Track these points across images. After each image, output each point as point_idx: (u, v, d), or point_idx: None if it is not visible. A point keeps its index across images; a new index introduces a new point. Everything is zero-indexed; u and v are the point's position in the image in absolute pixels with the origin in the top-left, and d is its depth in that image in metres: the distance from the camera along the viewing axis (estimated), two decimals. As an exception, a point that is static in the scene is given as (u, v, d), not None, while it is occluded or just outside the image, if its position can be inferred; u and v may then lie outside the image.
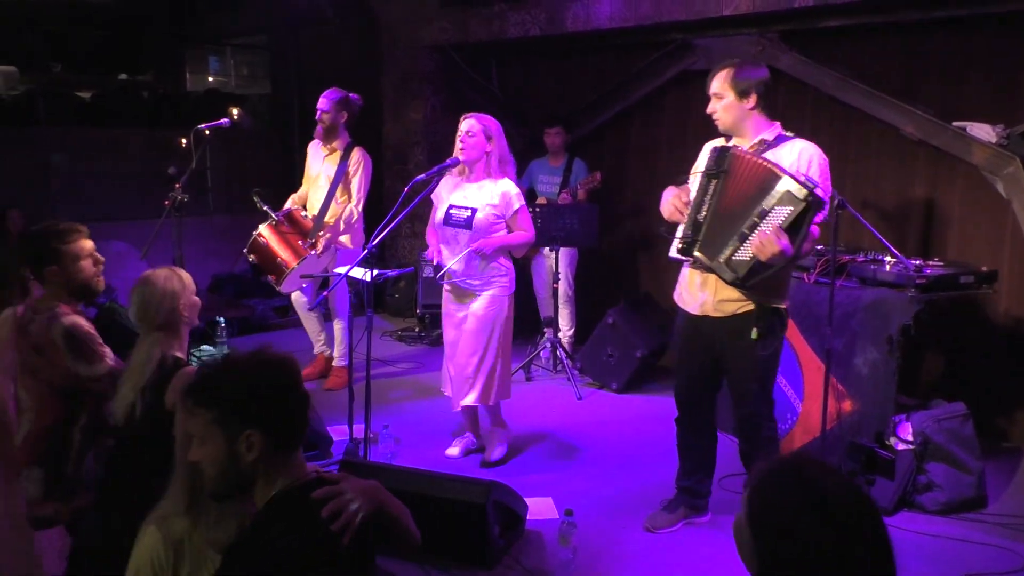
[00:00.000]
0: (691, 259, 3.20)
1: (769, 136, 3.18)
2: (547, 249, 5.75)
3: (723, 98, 3.17)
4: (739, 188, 3.03)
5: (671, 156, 5.98)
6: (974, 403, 3.92)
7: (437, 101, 7.12)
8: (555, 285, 5.69)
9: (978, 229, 4.62)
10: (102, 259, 3.15)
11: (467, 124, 3.95)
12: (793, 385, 4.19)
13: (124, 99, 8.60)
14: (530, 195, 5.99)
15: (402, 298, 7.06)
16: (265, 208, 4.94)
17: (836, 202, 3.51)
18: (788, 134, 3.20)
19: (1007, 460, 4.23)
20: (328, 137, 5.21)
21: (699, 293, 3.29)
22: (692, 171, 3.29)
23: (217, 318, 6.17)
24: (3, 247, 3.09)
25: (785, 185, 2.89)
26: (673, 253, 3.27)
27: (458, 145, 3.95)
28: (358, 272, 4.09)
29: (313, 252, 4.85)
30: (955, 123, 4.51)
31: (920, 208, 4.83)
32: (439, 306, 6.57)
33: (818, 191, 2.90)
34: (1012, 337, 4.51)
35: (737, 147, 3.12)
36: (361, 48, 7.55)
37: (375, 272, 3.89)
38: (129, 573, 1.87)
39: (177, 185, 4.78)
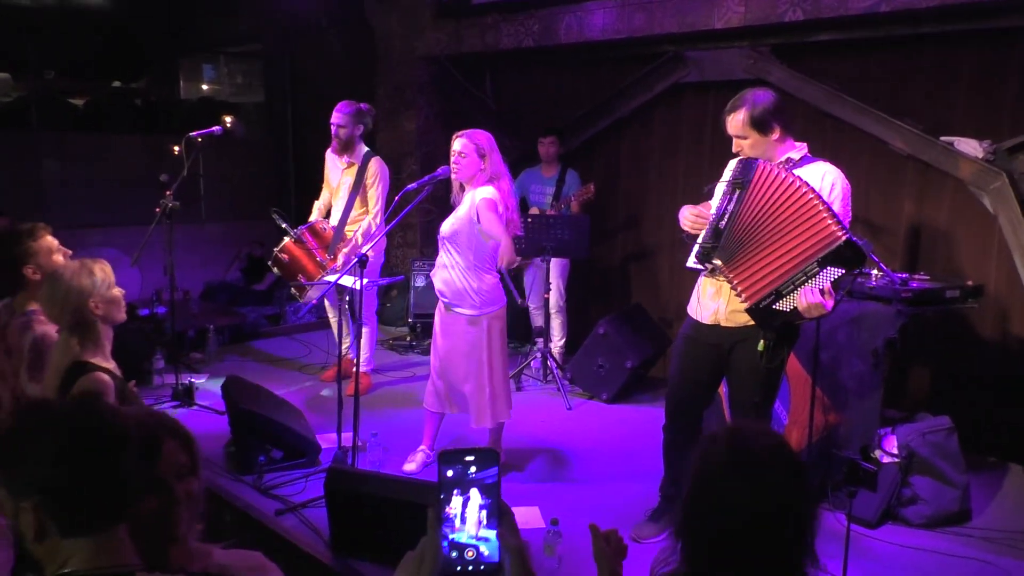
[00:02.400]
0: (709, 266, 3.18)
1: (796, 155, 3.18)
2: (539, 259, 5.76)
3: (747, 138, 3.16)
4: (766, 201, 2.99)
5: (663, 167, 6.02)
6: (959, 417, 3.94)
7: (431, 111, 7.15)
8: (546, 295, 5.70)
9: (964, 244, 4.66)
10: (69, 252, 3.12)
11: (459, 144, 3.87)
12: (780, 397, 4.19)
13: (117, 106, 8.62)
14: (522, 205, 5.98)
15: (394, 307, 7.06)
16: (284, 226, 4.90)
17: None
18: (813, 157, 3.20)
19: (991, 474, 4.25)
20: (345, 151, 5.15)
21: (711, 302, 3.30)
22: (718, 184, 3.27)
23: (208, 325, 6.18)
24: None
25: (844, 247, 2.84)
26: (690, 262, 3.24)
27: (452, 165, 3.91)
28: (347, 280, 4.11)
29: (334, 266, 4.84)
30: (943, 138, 4.55)
31: (907, 222, 4.86)
32: (430, 316, 6.59)
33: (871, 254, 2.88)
34: (997, 352, 4.54)
35: (764, 160, 3.10)
36: (355, 58, 7.58)
37: (365, 281, 3.90)
38: None
39: (168, 192, 4.82)
